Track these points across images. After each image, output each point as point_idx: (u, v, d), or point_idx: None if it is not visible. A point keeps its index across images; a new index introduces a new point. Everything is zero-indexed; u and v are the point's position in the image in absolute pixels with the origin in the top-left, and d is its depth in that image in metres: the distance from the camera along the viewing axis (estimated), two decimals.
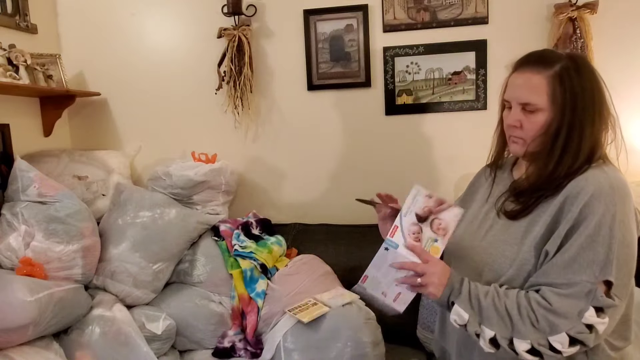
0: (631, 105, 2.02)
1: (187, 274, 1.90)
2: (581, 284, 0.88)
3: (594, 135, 0.98)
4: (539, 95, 0.98)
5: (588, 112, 0.97)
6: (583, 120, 0.97)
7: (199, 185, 2.06)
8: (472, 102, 2.13)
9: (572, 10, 1.95)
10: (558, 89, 0.97)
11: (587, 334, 0.88)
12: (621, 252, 0.89)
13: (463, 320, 0.96)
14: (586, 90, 0.97)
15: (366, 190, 2.25)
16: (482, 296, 0.96)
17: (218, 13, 2.22)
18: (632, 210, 0.93)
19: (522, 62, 1.05)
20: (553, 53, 1.03)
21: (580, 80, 0.97)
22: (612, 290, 0.89)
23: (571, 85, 0.96)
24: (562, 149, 0.97)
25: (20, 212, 1.60)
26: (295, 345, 1.60)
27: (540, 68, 0.99)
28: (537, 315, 0.90)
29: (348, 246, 2.07)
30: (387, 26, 2.15)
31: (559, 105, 0.97)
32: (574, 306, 0.88)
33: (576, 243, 0.90)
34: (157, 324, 1.62)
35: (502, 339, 0.92)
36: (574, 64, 0.99)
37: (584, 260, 0.89)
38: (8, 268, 1.53)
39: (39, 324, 1.37)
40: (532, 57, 1.04)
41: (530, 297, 0.93)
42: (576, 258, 0.90)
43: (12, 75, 1.90)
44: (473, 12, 2.09)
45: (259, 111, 2.31)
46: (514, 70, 1.07)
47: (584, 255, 0.89)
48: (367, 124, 2.24)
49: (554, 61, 0.99)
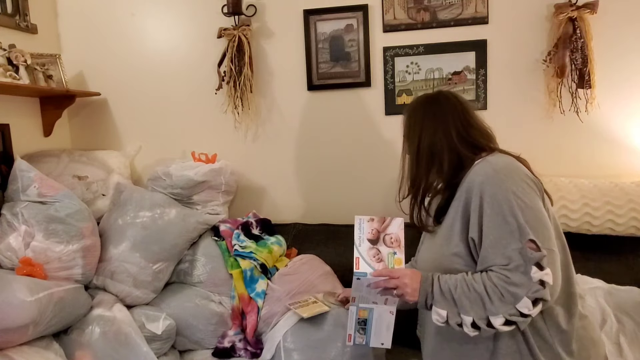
0: (631, 104, 2.02)
1: (187, 274, 1.90)
2: (514, 253, 1.02)
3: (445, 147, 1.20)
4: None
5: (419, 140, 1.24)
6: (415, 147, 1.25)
7: (199, 185, 2.07)
8: (472, 102, 2.14)
9: (572, 10, 1.95)
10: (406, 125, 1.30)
11: (542, 289, 1.00)
12: (527, 214, 1.04)
13: (443, 317, 1.08)
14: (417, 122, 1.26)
15: (366, 190, 2.27)
16: (452, 289, 1.08)
17: (218, 13, 2.23)
18: (522, 180, 1.09)
19: None
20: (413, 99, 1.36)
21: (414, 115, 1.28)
22: (539, 245, 1.02)
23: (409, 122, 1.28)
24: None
25: (20, 212, 1.60)
26: (295, 345, 1.60)
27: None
28: (501, 290, 1.02)
29: (348, 246, 2.06)
30: (387, 26, 2.15)
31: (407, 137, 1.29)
32: (520, 273, 1.01)
33: (490, 225, 1.06)
34: (157, 324, 1.62)
35: (479, 320, 1.04)
36: (414, 104, 1.31)
37: (505, 234, 1.04)
38: (8, 268, 1.53)
39: (39, 324, 1.37)
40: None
41: (491, 276, 1.05)
42: (498, 236, 1.05)
43: (12, 75, 1.90)
44: (473, 12, 2.09)
45: (259, 111, 2.31)
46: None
47: (502, 230, 1.04)
48: (367, 124, 2.24)
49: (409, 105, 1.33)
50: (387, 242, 1.27)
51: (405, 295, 1.13)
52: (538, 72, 2.07)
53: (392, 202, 2.21)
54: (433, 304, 1.10)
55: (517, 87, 2.10)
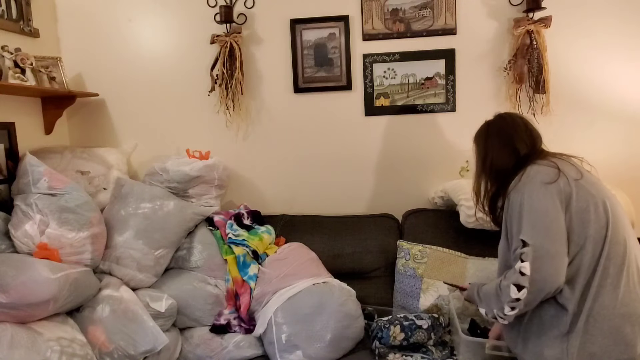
0: (580, 107, 2.28)
1: (185, 260, 2.07)
2: (516, 254, 1.28)
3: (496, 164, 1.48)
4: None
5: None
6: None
7: (194, 180, 2.23)
8: (442, 104, 2.36)
9: (529, 24, 2.20)
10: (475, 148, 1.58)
11: (521, 277, 1.24)
12: (529, 215, 1.27)
13: (484, 314, 1.41)
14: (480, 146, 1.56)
15: (347, 184, 2.48)
16: (482, 296, 1.42)
17: (211, 21, 2.41)
18: (540, 187, 1.29)
19: None
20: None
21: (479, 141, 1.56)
22: (528, 242, 1.25)
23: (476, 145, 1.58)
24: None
25: (34, 203, 1.74)
26: (284, 319, 1.80)
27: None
28: (504, 286, 1.32)
29: (331, 235, 2.28)
30: (366, 35, 2.37)
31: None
32: (513, 266, 1.29)
33: (510, 227, 1.33)
34: (160, 303, 1.79)
35: (499, 312, 1.33)
36: (479, 131, 1.59)
37: (514, 237, 1.30)
38: (25, 253, 1.68)
39: (58, 301, 1.54)
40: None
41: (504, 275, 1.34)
42: (511, 239, 1.33)
43: (20, 77, 2.04)
44: (443, 24, 2.32)
45: (249, 112, 2.49)
46: None
47: (512, 233, 1.32)
48: (348, 123, 2.44)
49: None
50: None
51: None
52: (500, 78, 2.32)
53: (370, 195, 2.46)
54: (478, 306, 1.44)
55: (482, 91, 2.34)
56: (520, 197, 1.30)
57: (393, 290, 2.13)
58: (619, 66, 2.24)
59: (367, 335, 1.88)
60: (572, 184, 1.29)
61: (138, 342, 1.65)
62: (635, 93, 2.25)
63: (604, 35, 2.23)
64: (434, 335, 1.80)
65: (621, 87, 2.25)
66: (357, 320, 1.84)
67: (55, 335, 1.49)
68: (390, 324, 1.80)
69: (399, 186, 2.46)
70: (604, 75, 2.25)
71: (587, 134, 2.30)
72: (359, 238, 2.24)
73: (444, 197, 2.27)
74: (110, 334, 1.64)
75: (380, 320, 1.84)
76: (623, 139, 2.27)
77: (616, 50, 2.24)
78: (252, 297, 1.97)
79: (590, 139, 2.29)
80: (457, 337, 1.69)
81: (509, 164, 1.43)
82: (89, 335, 1.62)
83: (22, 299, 1.43)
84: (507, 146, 1.45)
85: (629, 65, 2.24)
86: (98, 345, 1.61)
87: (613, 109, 2.27)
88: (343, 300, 1.86)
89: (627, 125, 2.26)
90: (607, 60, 2.25)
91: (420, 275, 2.02)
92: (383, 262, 2.20)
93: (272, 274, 2.00)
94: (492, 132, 1.52)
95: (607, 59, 2.25)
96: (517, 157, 1.43)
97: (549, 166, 1.34)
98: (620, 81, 2.25)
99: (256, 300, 1.96)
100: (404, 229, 2.28)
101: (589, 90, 2.27)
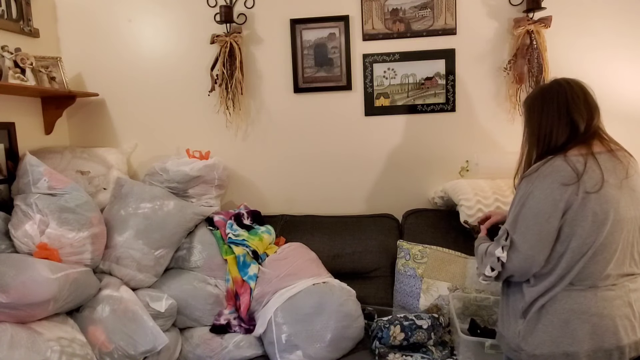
0: None
1: (185, 260, 2.08)
2: (502, 232, 1.33)
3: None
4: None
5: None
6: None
7: (194, 180, 2.23)
8: (442, 104, 2.36)
9: (529, 24, 2.20)
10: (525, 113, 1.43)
11: (496, 262, 1.30)
12: (526, 214, 1.27)
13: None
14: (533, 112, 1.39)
15: (347, 184, 2.48)
16: (477, 251, 1.46)
17: (211, 21, 2.41)
18: (551, 185, 1.24)
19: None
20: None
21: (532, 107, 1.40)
22: (510, 236, 1.29)
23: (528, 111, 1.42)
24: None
25: (34, 203, 1.74)
26: (284, 319, 1.80)
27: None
28: (486, 255, 1.36)
29: (331, 235, 2.28)
30: (366, 35, 2.37)
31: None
32: (494, 247, 1.32)
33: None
34: (160, 303, 1.79)
35: (480, 274, 1.39)
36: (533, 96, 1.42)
37: (507, 219, 1.34)
38: (25, 253, 1.68)
39: (58, 300, 1.54)
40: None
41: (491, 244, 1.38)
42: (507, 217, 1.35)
43: (20, 77, 2.04)
44: (443, 24, 2.32)
45: (249, 112, 2.49)
46: None
47: (509, 212, 1.35)
48: (348, 124, 2.45)
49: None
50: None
51: None
52: (500, 78, 2.32)
53: (370, 195, 2.45)
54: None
55: (482, 91, 2.34)
56: (529, 189, 1.27)
57: (393, 290, 2.13)
58: (619, 66, 2.24)
59: (367, 335, 1.88)
60: (581, 195, 1.22)
61: (138, 342, 1.65)
62: (635, 93, 2.25)
63: (604, 35, 2.23)
64: (434, 335, 1.80)
65: (621, 87, 2.25)
66: (357, 320, 1.84)
67: (55, 335, 1.49)
68: (390, 324, 1.80)
69: (399, 186, 2.46)
70: (604, 75, 2.25)
71: None
72: (359, 238, 2.25)
73: (444, 197, 2.27)
74: (110, 334, 1.64)
75: (380, 320, 1.84)
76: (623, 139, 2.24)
77: (616, 50, 2.24)
78: (252, 297, 1.97)
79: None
80: (457, 337, 1.69)
81: (562, 138, 1.29)
82: (89, 335, 1.62)
83: (22, 299, 1.43)
84: (564, 117, 1.30)
85: (629, 65, 2.24)
86: (98, 345, 1.61)
87: (613, 109, 2.25)
88: (343, 300, 1.86)
89: (627, 125, 2.26)
90: (607, 60, 2.25)
91: (420, 275, 2.03)
92: (383, 262, 2.20)
93: (272, 274, 2.00)
94: (547, 99, 1.34)
95: (607, 59, 2.25)
96: (573, 131, 1.29)
97: (572, 168, 1.24)
98: (621, 81, 2.25)
99: (256, 300, 1.96)
100: (404, 229, 2.28)
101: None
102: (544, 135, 1.32)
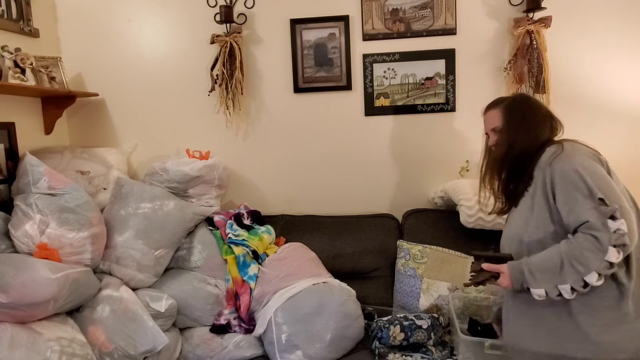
0: (579, 106, 2.28)
1: (185, 260, 2.08)
2: (591, 212, 1.20)
3: (532, 136, 1.41)
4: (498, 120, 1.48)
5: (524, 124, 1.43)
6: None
7: (194, 180, 2.23)
8: (442, 104, 2.36)
9: (529, 24, 2.20)
10: (507, 115, 1.46)
11: (622, 236, 1.17)
12: (595, 178, 1.23)
13: (542, 295, 1.25)
14: (521, 113, 1.45)
15: (347, 184, 2.48)
16: (543, 270, 1.26)
17: (211, 21, 2.41)
18: (588, 157, 1.29)
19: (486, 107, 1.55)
20: (501, 97, 1.55)
21: (517, 107, 1.46)
22: (608, 201, 1.20)
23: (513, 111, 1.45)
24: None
25: (34, 203, 1.74)
26: (285, 319, 1.81)
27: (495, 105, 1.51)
28: (591, 247, 1.19)
29: (331, 235, 2.28)
30: (366, 35, 2.37)
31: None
32: (601, 226, 1.18)
33: (564, 194, 1.26)
34: (160, 303, 1.79)
35: (576, 283, 1.21)
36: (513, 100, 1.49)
37: (579, 198, 1.23)
38: (25, 253, 1.68)
39: (58, 300, 1.54)
40: (491, 102, 1.55)
41: (578, 237, 1.22)
42: (573, 202, 1.23)
43: (20, 77, 2.04)
44: (443, 24, 2.32)
45: (249, 111, 2.49)
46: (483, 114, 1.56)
47: (575, 196, 1.23)
48: (348, 124, 2.45)
49: (502, 100, 1.51)
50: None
51: (503, 283, 1.34)
52: (500, 78, 2.32)
53: (370, 195, 2.46)
54: (529, 287, 1.28)
55: (482, 91, 2.34)
56: (572, 165, 1.26)
57: (393, 290, 2.13)
58: (619, 66, 2.24)
59: (367, 335, 1.88)
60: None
61: (138, 342, 1.65)
62: (635, 93, 2.25)
63: (604, 35, 2.23)
64: (433, 335, 1.80)
65: (621, 87, 2.25)
66: (357, 320, 1.84)
67: (55, 335, 1.49)
68: (390, 324, 1.80)
69: (399, 186, 2.46)
70: (604, 75, 2.25)
71: (587, 134, 2.26)
72: (359, 238, 2.25)
73: (444, 197, 2.27)
74: (110, 334, 1.64)
75: (380, 320, 1.84)
76: (624, 139, 2.27)
77: (616, 50, 2.24)
78: (252, 297, 1.97)
79: (590, 139, 2.25)
80: (457, 337, 1.69)
81: (532, 148, 1.39)
82: (89, 335, 1.62)
83: (22, 299, 1.43)
84: (532, 131, 1.41)
85: (629, 65, 2.24)
86: (98, 345, 1.61)
87: (613, 109, 2.27)
88: (343, 300, 1.86)
89: (627, 125, 2.26)
90: (607, 60, 2.25)
91: (420, 275, 2.03)
92: (383, 262, 2.20)
93: (272, 274, 2.00)
94: (517, 114, 1.45)
95: (607, 59, 2.25)
96: (539, 142, 1.39)
97: (583, 144, 1.37)
98: (621, 81, 2.25)
99: (256, 300, 1.96)
100: (404, 229, 2.28)
101: (589, 90, 2.27)
102: (515, 146, 1.42)
